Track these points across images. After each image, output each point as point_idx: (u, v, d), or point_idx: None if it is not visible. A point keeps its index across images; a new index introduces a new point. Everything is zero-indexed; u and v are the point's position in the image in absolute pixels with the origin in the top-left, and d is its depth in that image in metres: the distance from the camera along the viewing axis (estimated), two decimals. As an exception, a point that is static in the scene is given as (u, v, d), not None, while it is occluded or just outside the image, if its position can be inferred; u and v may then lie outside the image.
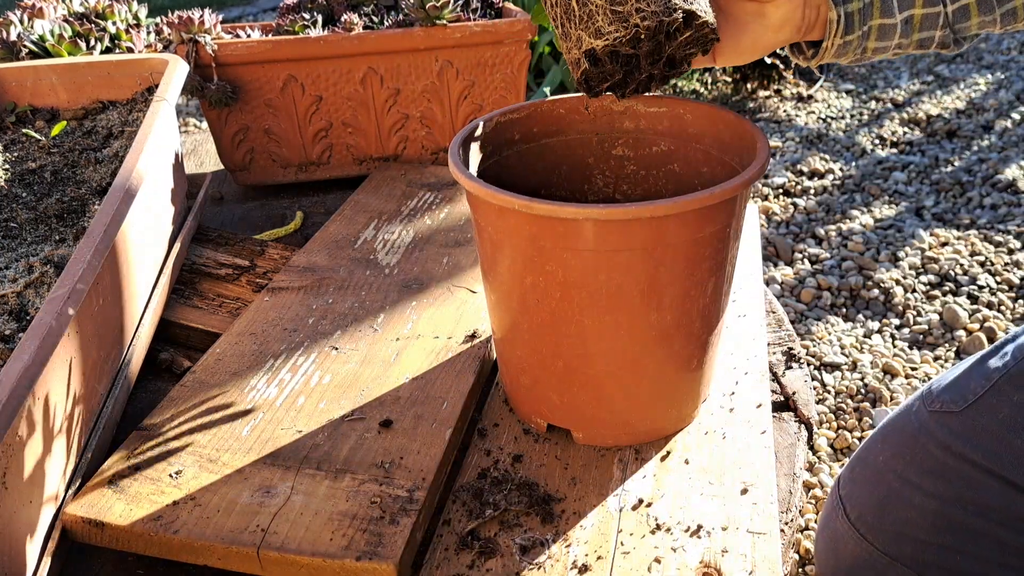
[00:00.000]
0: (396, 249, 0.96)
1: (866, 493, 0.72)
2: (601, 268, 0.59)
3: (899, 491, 0.70)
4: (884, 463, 0.72)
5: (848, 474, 0.76)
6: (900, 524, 0.69)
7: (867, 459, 0.74)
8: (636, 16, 0.60)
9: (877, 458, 0.73)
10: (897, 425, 0.73)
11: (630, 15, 0.60)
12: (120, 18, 1.19)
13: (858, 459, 0.75)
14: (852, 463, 0.76)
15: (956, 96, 2.46)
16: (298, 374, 0.75)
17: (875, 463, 0.73)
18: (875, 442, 0.75)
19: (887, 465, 0.72)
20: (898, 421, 0.73)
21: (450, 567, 0.59)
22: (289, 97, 1.13)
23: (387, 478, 0.63)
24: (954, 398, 0.69)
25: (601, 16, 0.61)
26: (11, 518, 0.55)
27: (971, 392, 0.69)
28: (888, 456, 0.72)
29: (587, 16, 0.62)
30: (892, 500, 0.70)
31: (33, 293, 0.71)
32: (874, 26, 0.60)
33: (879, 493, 0.71)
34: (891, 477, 0.71)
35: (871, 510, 0.71)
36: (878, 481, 0.72)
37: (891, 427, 0.74)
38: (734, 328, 0.82)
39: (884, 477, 0.71)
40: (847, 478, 0.76)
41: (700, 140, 0.73)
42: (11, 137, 1.01)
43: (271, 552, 0.58)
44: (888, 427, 0.75)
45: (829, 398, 1.33)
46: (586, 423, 0.68)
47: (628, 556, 0.59)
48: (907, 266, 1.66)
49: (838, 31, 0.61)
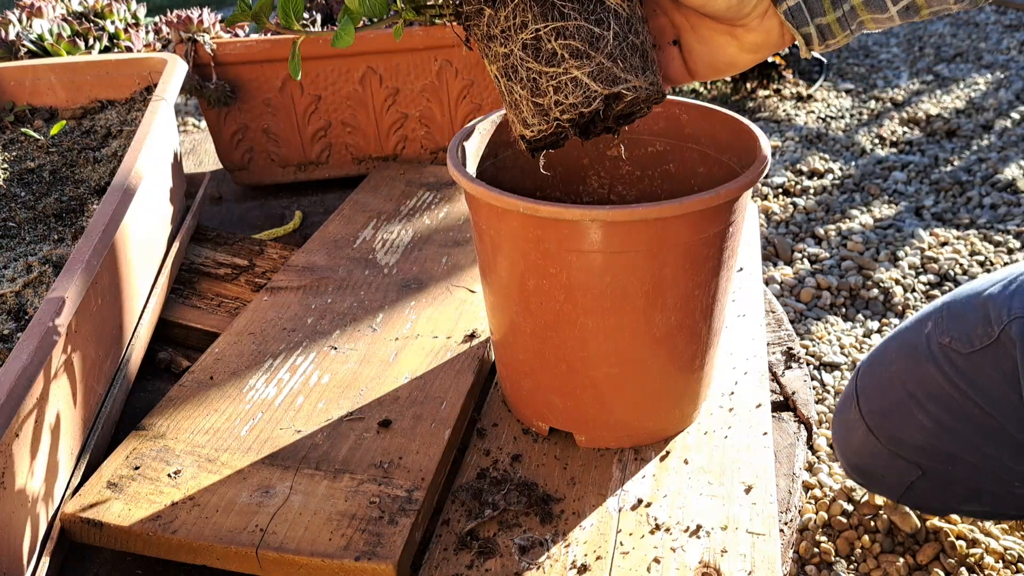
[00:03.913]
0: (395, 249, 0.96)
1: (877, 395, 0.80)
2: (605, 270, 0.59)
3: (905, 404, 0.77)
4: (895, 374, 0.78)
5: (866, 369, 0.83)
6: (902, 432, 0.77)
7: (882, 362, 0.81)
8: (555, 110, 0.55)
9: (890, 366, 0.79)
10: (911, 342, 0.79)
11: (549, 108, 0.56)
12: (119, 17, 1.19)
13: (876, 358, 0.82)
14: (871, 359, 0.83)
15: (956, 96, 2.46)
16: (297, 374, 0.75)
17: (888, 370, 0.80)
18: (890, 349, 0.81)
19: (897, 377, 0.78)
20: (912, 337, 0.79)
21: (449, 567, 0.59)
22: (288, 96, 1.13)
23: (386, 478, 0.63)
24: (961, 338, 0.74)
25: (525, 107, 0.57)
26: (9, 518, 0.55)
27: (976, 338, 0.72)
28: (900, 370, 0.78)
29: (514, 104, 0.58)
30: (898, 410, 0.77)
31: (32, 293, 0.71)
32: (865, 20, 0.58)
33: (888, 400, 0.79)
34: (899, 389, 0.77)
35: (879, 412, 0.79)
36: (888, 387, 0.79)
37: (905, 341, 0.80)
38: (734, 328, 0.82)
39: (893, 386, 0.78)
40: (865, 371, 0.83)
41: (696, 140, 0.72)
42: (9, 136, 1.01)
43: (270, 552, 0.58)
44: (903, 339, 0.80)
45: (829, 398, 1.33)
46: (589, 426, 0.68)
47: (627, 556, 0.59)
48: (907, 266, 1.66)
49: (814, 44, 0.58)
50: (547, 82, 0.55)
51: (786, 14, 0.56)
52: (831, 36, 0.57)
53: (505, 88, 0.58)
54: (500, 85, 0.58)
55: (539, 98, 0.56)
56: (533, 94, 0.56)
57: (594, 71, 0.55)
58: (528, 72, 0.56)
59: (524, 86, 0.57)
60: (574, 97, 0.55)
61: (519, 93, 0.57)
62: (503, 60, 0.57)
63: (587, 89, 0.55)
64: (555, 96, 0.55)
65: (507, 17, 0.56)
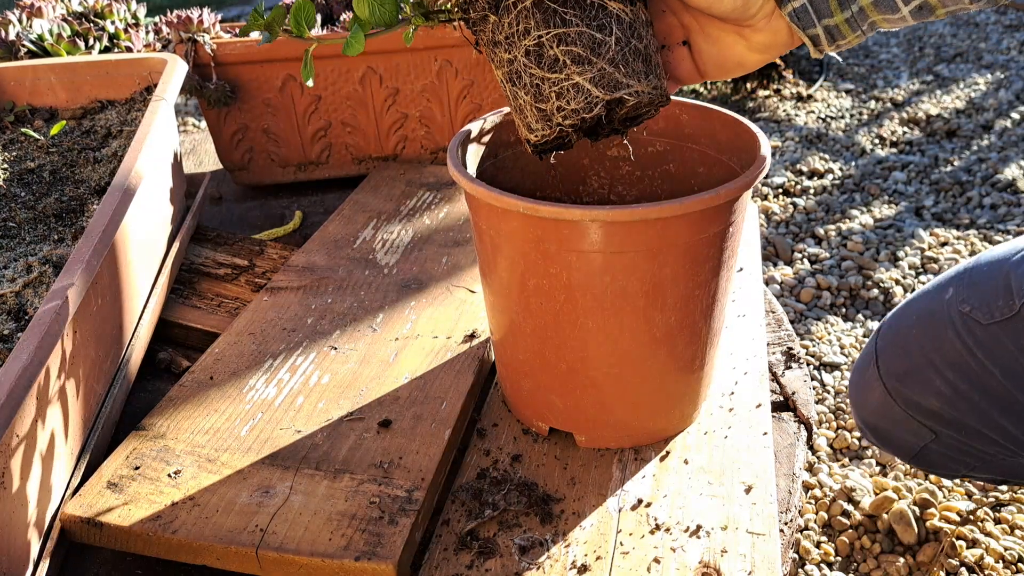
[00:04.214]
0: (395, 249, 0.96)
1: (896, 358, 0.80)
2: (606, 270, 0.59)
3: (923, 369, 0.77)
4: (915, 338, 0.78)
5: (887, 330, 0.83)
6: (920, 396, 0.77)
7: (901, 326, 0.81)
8: (558, 115, 0.56)
9: (911, 330, 0.79)
10: (931, 307, 0.78)
11: (552, 114, 0.56)
12: (119, 17, 1.19)
13: (896, 320, 0.82)
14: (891, 321, 0.83)
15: (956, 96, 2.46)
16: (297, 374, 0.75)
17: (908, 333, 0.79)
18: (911, 312, 0.81)
19: (917, 341, 0.78)
20: (933, 303, 0.78)
21: (449, 567, 0.59)
22: (288, 96, 1.13)
23: (386, 478, 0.63)
24: (981, 307, 0.73)
25: (529, 112, 0.57)
26: (10, 518, 0.55)
27: (997, 310, 0.72)
28: (919, 333, 0.78)
29: (519, 110, 0.58)
30: (916, 374, 0.77)
31: (32, 293, 0.71)
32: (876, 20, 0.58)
33: (907, 363, 0.79)
34: (918, 354, 0.77)
35: (896, 374, 0.79)
36: (908, 351, 0.79)
37: (926, 306, 0.79)
38: (734, 328, 0.82)
39: (913, 350, 0.78)
40: (885, 332, 0.83)
41: (696, 140, 0.73)
42: (10, 137, 1.01)
43: (270, 552, 0.58)
44: (923, 304, 0.80)
45: (829, 398, 1.33)
46: (589, 426, 0.68)
47: (627, 556, 0.59)
48: (907, 266, 1.66)
49: (824, 45, 0.58)
50: (549, 88, 0.56)
51: (791, 16, 0.56)
52: (841, 37, 0.57)
53: (510, 93, 0.59)
54: (506, 90, 0.59)
55: (542, 103, 0.57)
56: (536, 99, 0.57)
57: (595, 77, 0.55)
58: (531, 78, 0.57)
59: (528, 91, 0.57)
60: (576, 103, 0.56)
61: (523, 98, 0.58)
62: (508, 66, 0.58)
63: (589, 95, 0.55)
64: (557, 102, 0.56)
65: (510, 24, 0.56)
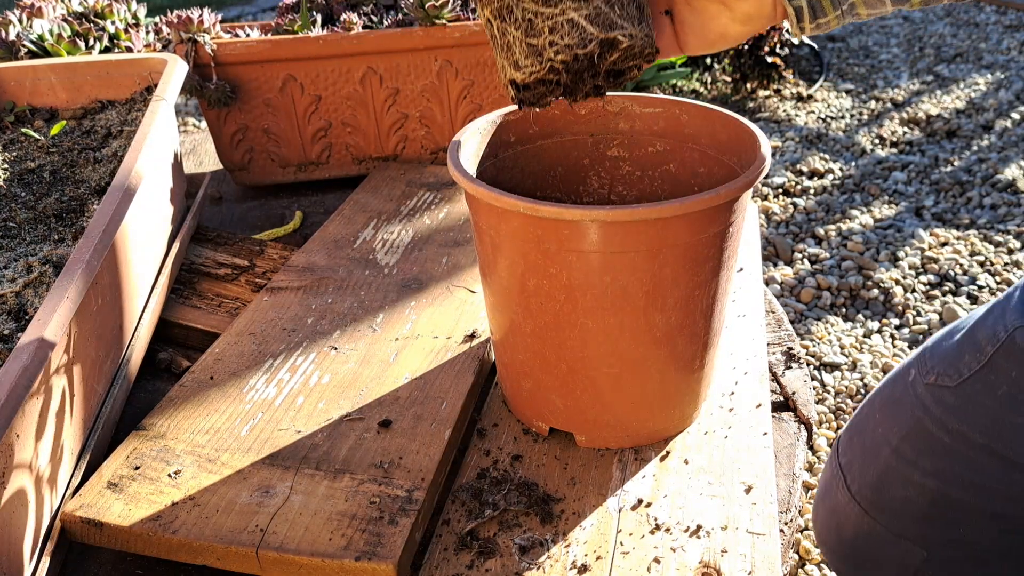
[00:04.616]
0: (395, 249, 0.96)
1: (865, 466, 0.71)
2: (606, 270, 0.59)
3: (897, 468, 0.68)
4: (882, 435, 0.70)
5: (847, 441, 0.74)
6: (900, 502, 0.68)
7: (864, 428, 0.72)
8: (550, 50, 0.55)
9: (875, 429, 0.71)
10: (894, 395, 0.71)
11: (544, 49, 0.56)
12: (119, 17, 1.19)
13: (855, 426, 0.73)
14: (849, 430, 0.74)
15: (956, 96, 2.46)
16: (297, 374, 0.75)
17: (872, 434, 0.71)
18: (872, 410, 0.73)
19: (884, 438, 0.70)
20: (894, 390, 0.71)
21: (449, 567, 0.59)
22: (288, 97, 1.13)
23: (386, 478, 0.63)
24: (948, 371, 0.67)
25: (518, 48, 0.57)
26: (9, 518, 0.55)
27: (964, 366, 0.66)
28: (885, 429, 0.70)
29: (506, 47, 0.57)
30: (891, 477, 0.69)
31: (32, 293, 0.71)
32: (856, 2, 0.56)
33: (877, 468, 0.70)
34: (888, 452, 0.69)
35: (870, 485, 0.70)
36: (876, 454, 0.70)
37: (887, 396, 0.72)
38: (734, 328, 0.82)
39: (881, 451, 0.70)
40: (846, 444, 0.74)
41: (696, 140, 0.73)
42: (10, 137, 1.01)
43: (270, 552, 0.58)
44: (884, 395, 0.72)
45: (829, 398, 1.33)
46: (589, 426, 0.68)
47: (627, 556, 0.59)
48: (907, 266, 1.66)
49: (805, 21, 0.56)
50: (543, 22, 0.56)
51: None
52: (822, 14, 0.56)
53: (498, 30, 0.58)
54: (492, 29, 0.58)
55: (533, 38, 0.56)
56: (527, 34, 0.57)
57: (591, 14, 0.55)
58: (524, 12, 0.56)
59: (519, 26, 0.57)
60: (570, 38, 0.55)
61: (512, 34, 0.57)
62: (496, 9, 0.57)
63: (583, 31, 0.55)
64: (550, 36, 0.56)
65: None
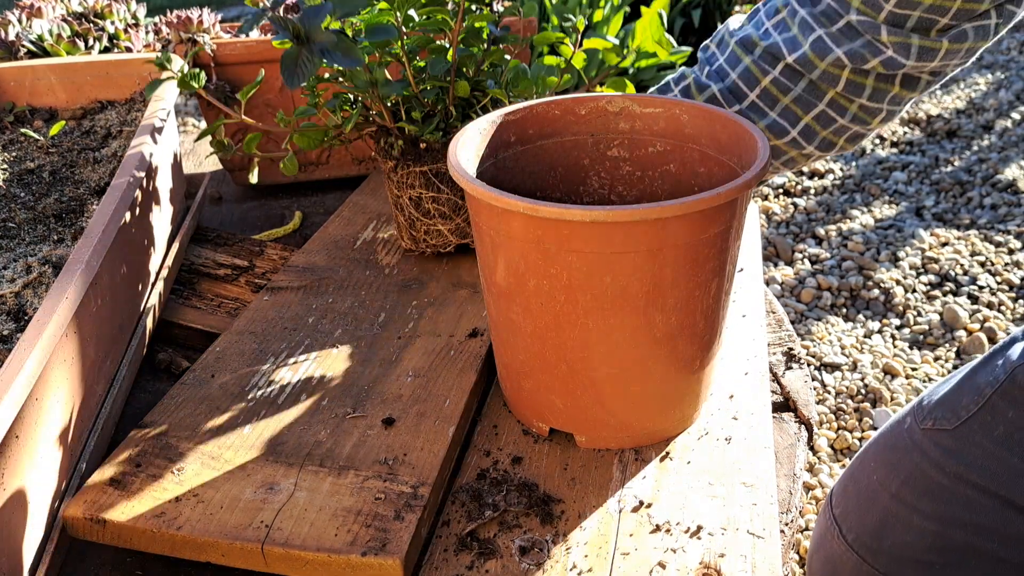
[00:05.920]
0: (395, 249, 0.96)
1: (862, 513, 0.70)
2: (606, 270, 0.59)
3: (896, 513, 0.68)
4: (878, 482, 0.70)
5: (841, 492, 0.73)
6: (900, 547, 0.68)
7: (860, 477, 0.72)
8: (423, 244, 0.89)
9: (871, 477, 0.71)
10: (889, 442, 0.71)
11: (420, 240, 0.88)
12: (118, 18, 1.19)
13: (850, 476, 0.73)
14: (844, 480, 0.74)
15: (956, 96, 2.46)
16: (299, 372, 0.75)
17: (869, 482, 0.71)
18: (867, 459, 0.72)
19: (882, 484, 0.70)
20: (890, 438, 0.71)
21: (449, 568, 0.59)
22: (288, 97, 1.12)
23: (391, 474, 0.63)
24: (946, 415, 0.67)
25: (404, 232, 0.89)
26: (9, 518, 0.55)
27: (963, 409, 0.66)
28: (882, 475, 0.70)
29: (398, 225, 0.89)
30: (890, 522, 0.68)
31: (31, 293, 0.71)
32: None
33: (875, 514, 0.69)
34: (886, 498, 0.69)
35: (868, 532, 0.69)
36: (873, 501, 0.70)
37: (883, 444, 0.72)
38: (734, 328, 0.82)
39: (879, 497, 0.69)
40: (840, 495, 0.73)
41: (696, 140, 0.72)
42: (9, 137, 1.01)
43: (275, 548, 0.58)
44: (880, 443, 0.72)
45: (829, 398, 1.33)
46: (589, 427, 0.68)
47: (628, 557, 0.59)
48: (907, 266, 1.66)
49: None
50: (421, 226, 0.86)
51: None
52: None
53: (395, 212, 0.88)
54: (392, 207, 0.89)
55: (414, 232, 0.87)
56: (410, 228, 0.87)
57: (452, 229, 0.86)
58: (409, 215, 0.86)
59: (405, 219, 0.87)
60: (436, 241, 0.87)
61: (401, 221, 0.88)
62: (395, 199, 0.86)
63: (446, 239, 0.87)
64: (425, 236, 0.87)
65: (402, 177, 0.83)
